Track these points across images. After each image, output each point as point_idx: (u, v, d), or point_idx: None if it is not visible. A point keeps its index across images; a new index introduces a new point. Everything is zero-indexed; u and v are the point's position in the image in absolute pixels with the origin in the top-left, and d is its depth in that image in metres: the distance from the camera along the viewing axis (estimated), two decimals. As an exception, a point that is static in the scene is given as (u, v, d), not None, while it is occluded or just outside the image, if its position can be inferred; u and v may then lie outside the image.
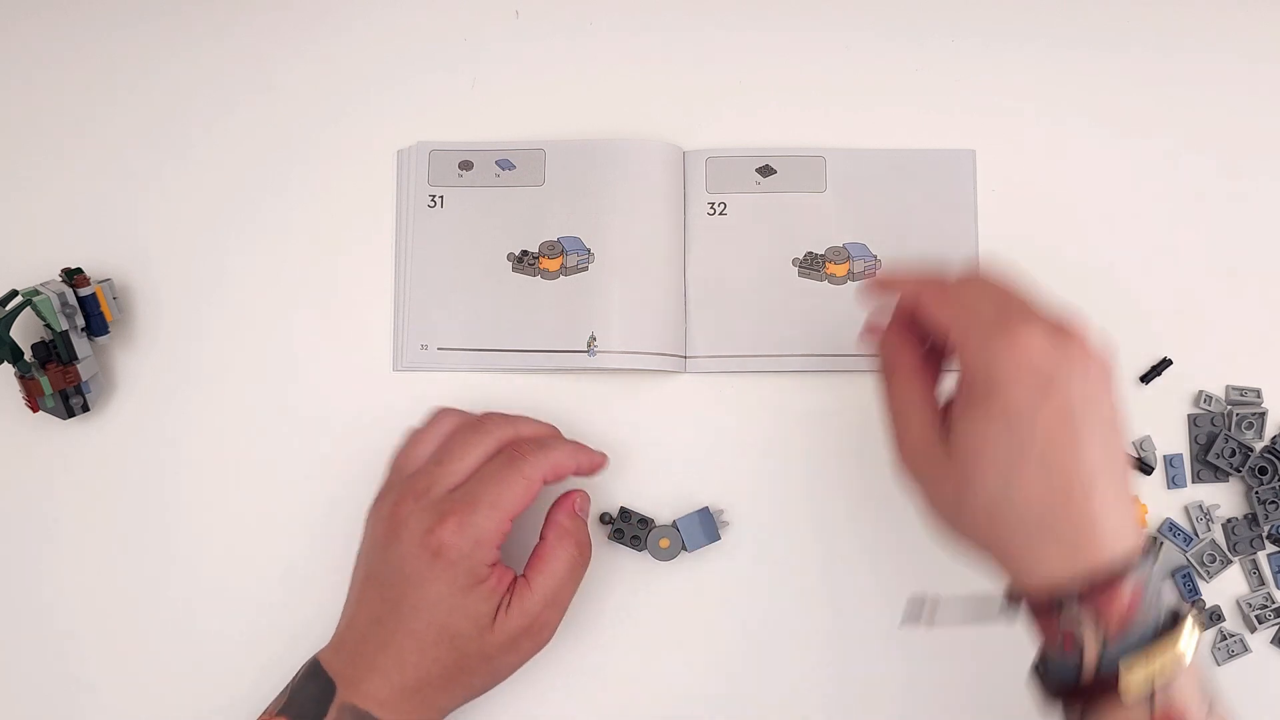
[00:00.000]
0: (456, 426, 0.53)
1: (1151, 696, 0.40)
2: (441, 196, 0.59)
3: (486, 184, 0.59)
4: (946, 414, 0.44)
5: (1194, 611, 0.42)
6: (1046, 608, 0.41)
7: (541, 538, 0.52)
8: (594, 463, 0.53)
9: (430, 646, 0.48)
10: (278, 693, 0.51)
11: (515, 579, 0.50)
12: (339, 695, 0.48)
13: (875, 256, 0.59)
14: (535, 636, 0.50)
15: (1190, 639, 0.40)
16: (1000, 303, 0.44)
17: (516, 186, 0.59)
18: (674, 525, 0.56)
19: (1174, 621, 0.41)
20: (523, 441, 0.51)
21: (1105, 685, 0.40)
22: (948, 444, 0.43)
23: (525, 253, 0.58)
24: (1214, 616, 0.56)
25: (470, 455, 0.51)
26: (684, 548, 0.56)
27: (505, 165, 0.59)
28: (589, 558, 0.52)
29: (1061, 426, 0.41)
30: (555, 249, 0.58)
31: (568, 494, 0.53)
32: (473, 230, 0.59)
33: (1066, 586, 0.40)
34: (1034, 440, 0.41)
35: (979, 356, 0.42)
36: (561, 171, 0.59)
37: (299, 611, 0.56)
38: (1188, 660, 0.40)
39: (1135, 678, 0.40)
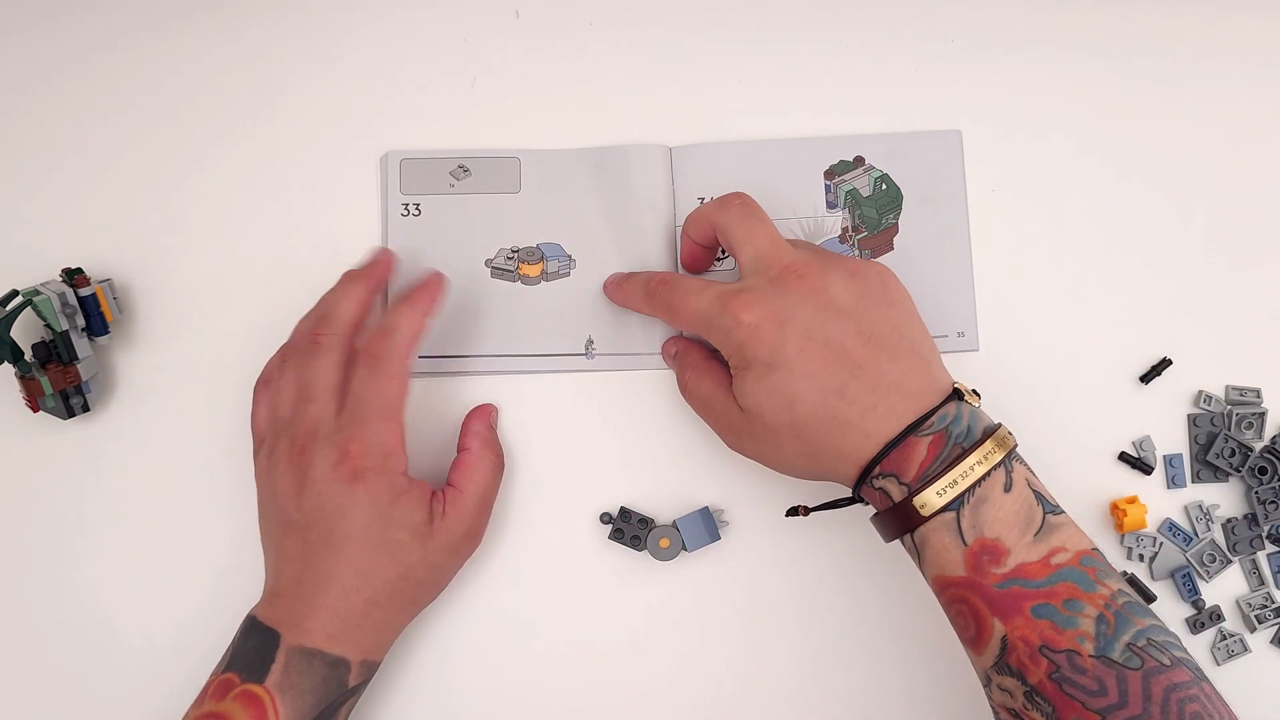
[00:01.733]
0: (288, 359, 0.53)
1: (960, 528, 0.45)
2: (418, 204, 0.59)
3: (461, 191, 0.59)
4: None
5: (1003, 430, 0.47)
6: (863, 486, 0.48)
7: (464, 448, 0.55)
8: (434, 296, 0.53)
9: (372, 568, 0.49)
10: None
11: (439, 490, 0.52)
12: (284, 640, 0.49)
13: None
14: (472, 539, 0.53)
15: (987, 454, 0.45)
16: (705, 286, 0.50)
17: (491, 194, 0.59)
18: (674, 525, 0.56)
19: (969, 435, 0.46)
20: (368, 338, 0.52)
21: (909, 514, 0.46)
22: (740, 411, 0.49)
23: (506, 258, 0.58)
24: (1214, 616, 0.56)
25: (326, 378, 0.51)
26: (684, 548, 0.56)
27: (479, 171, 0.59)
28: (503, 462, 0.56)
29: (806, 344, 0.47)
30: (535, 255, 0.58)
31: (481, 407, 0.56)
32: (448, 238, 0.59)
33: (867, 464, 0.47)
34: (793, 369, 0.47)
35: (722, 342, 0.49)
36: (538, 179, 0.59)
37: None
38: (975, 469, 0.45)
39: (924, 498, 0.45)
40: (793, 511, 0.54)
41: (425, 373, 0.58)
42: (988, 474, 0.45)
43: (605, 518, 0.57)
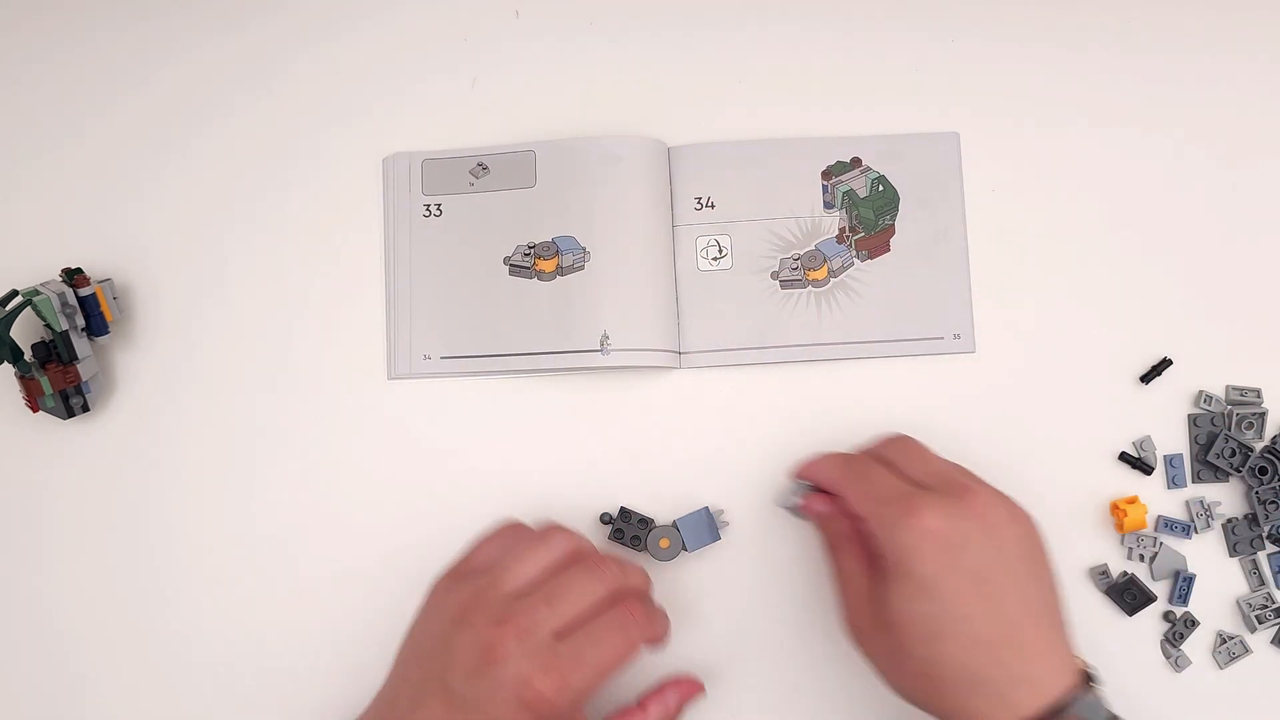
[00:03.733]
0: (568, 553, 0.50)
1: None
2: (439, 205, 0.60)
3: (480, 189, 0.60)
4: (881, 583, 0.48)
5: None
6: None
7: (641, 705, 0.51)
8: (667, 634, 0.51)
9: None
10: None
11: None
12: None
13: (854, 256, 0.59)
14: None
15: None
16: (897, 481, 0.48)
17: (508, 190, 0.59)
18: (674, 525, 0.56)
19: None
20: (633, 602, 0.49)
21: None
22: (882, 617, 0.47)
23: (523, 255, 0.59)
24: (1188, 623, 0.56)
25: (582, 603, 0.47)
26: (684, 548, 0.56)
27: (497, 168, 0.60)
28: None
29: (972, 589, 0.45)
30: (550, 250, 0.58)
31: (691, 685, 0.53)
32: (469, 236, 0.59)
33: None
34: (948, 607, 0.45)
35: (889, 535, 0.46)
36: (551, 171, 0.59)
37: (294, 614, 0.57)
38: None
39: None
40: None
41: (442, 374, 0.59)
42: None
43: (605, 518, 0.57)
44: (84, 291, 0.56)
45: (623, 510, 0.56)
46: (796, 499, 0.53)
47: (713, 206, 0.59)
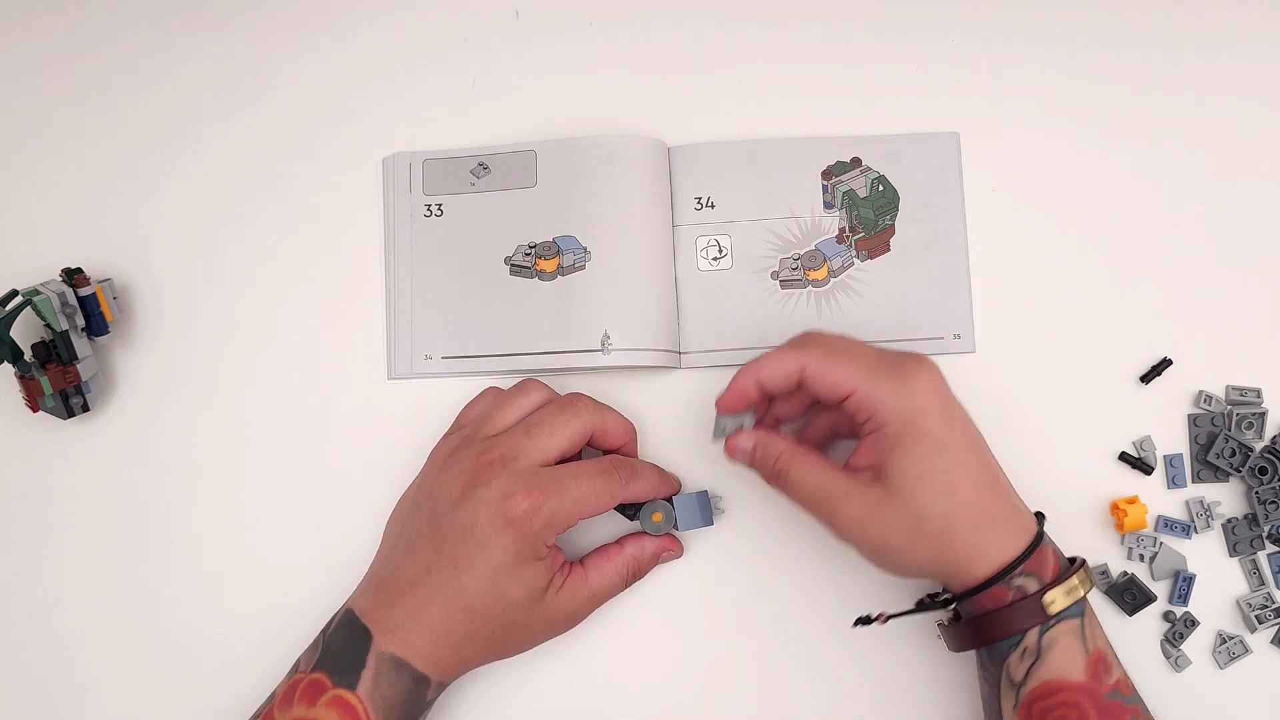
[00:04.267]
0: (545, 400, 0.54)
1: (1084, 635, 0.47)
2: (440, 205, 0.60)
3: (481, 189, 0.60)
4: (857, 470, 0.49)
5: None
6: (993, 585, 0.47)
7: (619, 542, 0.55)
8: (670, 487, 0.55)
9: (481, 608, 0.49)
10: (307, 645, 0.51)
11: (570, 564, 0.53)
12: (375, 643, 0.49)
13: (853, 255, 0.59)
14: (570, 621, 0.52)
15: (1082, 574, 0.48)
16: (872, 352, 0.49)
17: (509, 189, 0.59)
18: (669, 500, 0.55)
19: (1070, 562, 0.49)
20: (623, 459, 0.53)
21: (1034, 610, 0.47)
22: (885, 489, 0.47)
23: (524, 254, 0.59)
24: (1187, 623, 0.56)
25: (559, 435, 0.51)
26: (676, 525, 0.55)
27: (498, 168, 0.60)
28: (632, 582, 0.55)
29: (966, 438, 0.48)
30: (551, 249, 0.58)
31: (670, 538, 0.56)
32: (470, 236, 0.59)
33: (1014, 561, 0.47)
34: (959, 457, 0.47)
35: (894, 401, 0.47)
36: (552, 171, 0.59)
37: (296, 613, 0.56)
38: (1081, 584, 0.48)
39: (1054, 595, 0.47)
40: (864, 620, 0.52)
41: (443, 374, 0.59)
42: (1085, 593, 0.48)
43: None
44: (84, 291, 0.56)
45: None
46: (733, 428, 0.52)
47: (713, 206, 0.59)
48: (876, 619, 0.52)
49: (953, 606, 0.50)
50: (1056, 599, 0.47)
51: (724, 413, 0.52)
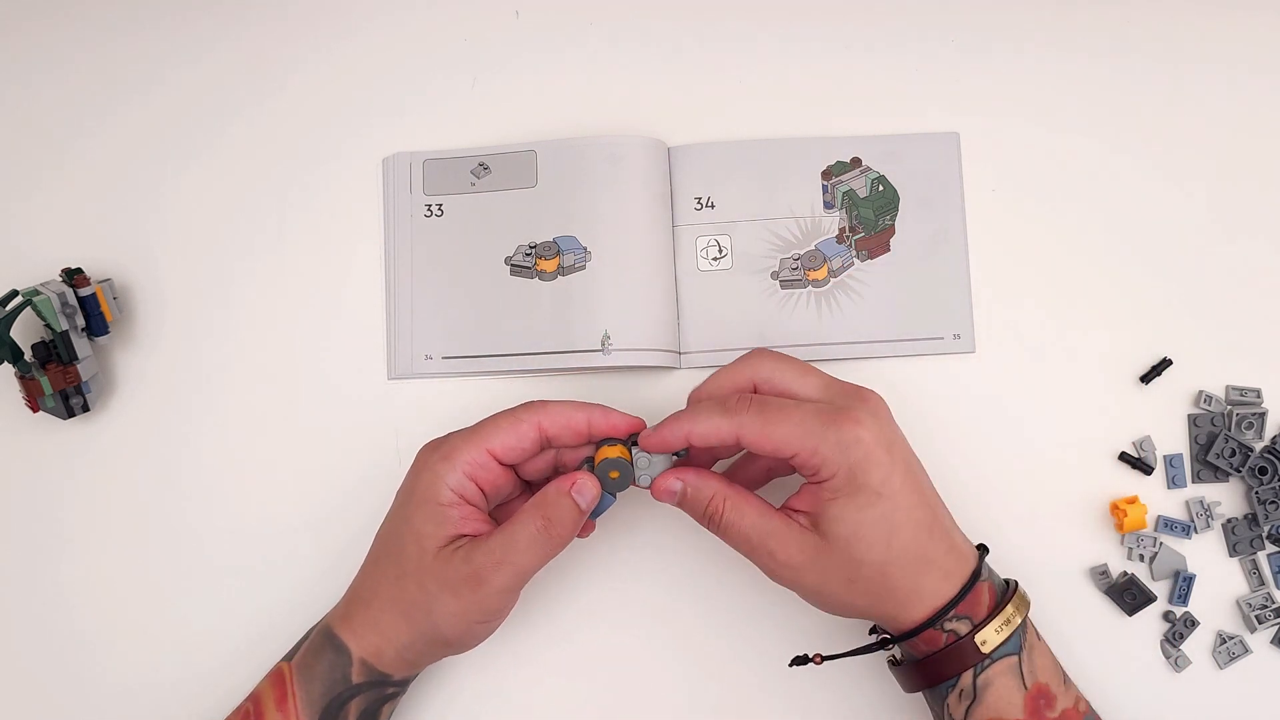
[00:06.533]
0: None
1: (1022, 672, 0.47)
2: (440, 205, 0.60)
3: (481, 189, 0.60)
4: (794, 513, 0.48)
5: (1018, 584, 0.50)
6: (927, 629, 0.47)
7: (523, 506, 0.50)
8: (611, 423, 0.50)
9: (380, 556, 0.50)
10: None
11: (485, 529, 0.49)
12: (323, 619, 0.51)
13: (856, 256, 0.59)
14: (475, 589, 0.47)
15: (1019, 602, 0.48)
16: (809, 404, 0.47)
17: (509, 189, 0.59)
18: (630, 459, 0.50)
19: (1006, 586, 0.49)
20: (536, 400, 0.50)
21: (968, 652, 0.46)
22: (821, 537, 0.47)
23: (525, 254, 0.59)
24: (1189, 623, 0.56)
25: (497, 422, 0.49)
26: (634, 481, 0.50)
27: (498, 168, 0.60)
28: (556, 538, 0.48)
29: (908, 480, 0.47)
30: (551, 249, 0.58)
31: (571, 473, 0.49)
32: (471, 236, 0.59)
33: (946, 606, 0.47)
34: (899, 503, 0.46)
35: (834, 458, 0.46)
36: (553, 171, 0.59)
37: (297, 611, 0.56)
38: (1016, 615, 0.47)
39: (985, 634, 0.46)
40: (800, 660, 0.52)
41: (443, 373, 0.59)
42: (1023, 622, 0.48)
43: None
44: (84, 291, 0.56)
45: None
46: (653, 475, 0.49)
47: (713, 206, 0.59)
48: (813, 659, 0.51)
49: (895, 646, 0.50)
50: (989, 638, 0.46)
51: (648, 451, 0.49)
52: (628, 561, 0.57)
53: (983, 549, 0.50)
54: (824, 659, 0.51)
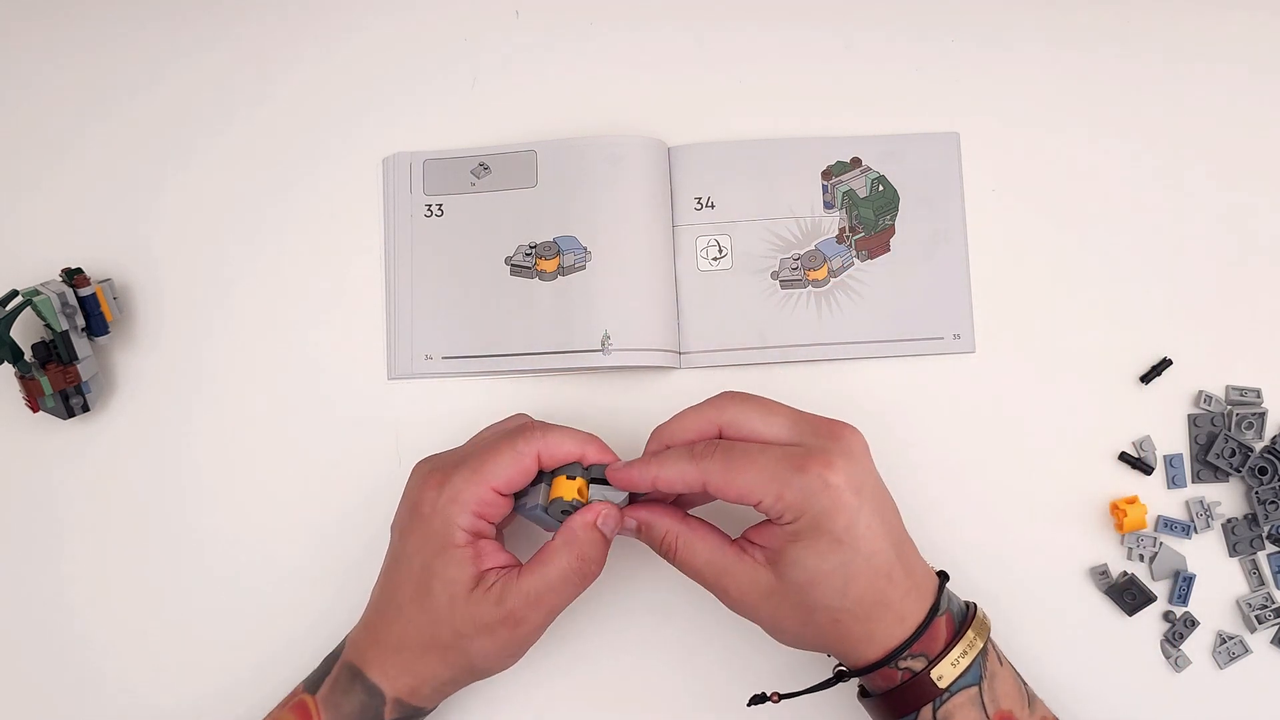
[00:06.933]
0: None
1: (983, 702, 0.46)
2: (440, 205, 0.60)
3: (481, 189, 0.60)
4: (751, 545, 0.48)
5: (979, 607, 0.49)
6: (883, 667, 0.46)
7: (554, 538, 0.50)
8: (601, 455, 0.50)
9: (406, 603, 0.48)
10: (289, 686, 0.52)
11: (514, 567, 0.49)
12: (344, 653, 0.50)
13: (851, 253, 0.59)
14: (513, 629, 0.48)
15: (979, 628, 0.48)
16: (775, 450, 0.46)
17: (510, 189, 0.59)
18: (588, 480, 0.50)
19: (966, 611, 0.48)
20: (531, 423, 0.50)
21: (924, 688, 0.46)
22: (777, 578, 0.46)
23: (525, 254, 0.59)
24: (1189, 623, 0.56)
25: (485, 435, 0.51)
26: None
27: (499, 168, 0.60)
28: (590, 574, 0.49)
29: (875, 525, 0.46)
30: (552, 249, 0.58)
31: (596, 504, 0.49)
32: (471, 236, 0.59)
33: (898, 648, 0.46)
34: (860, 549, 0.45)
35: (799, 505, 0.45)
36: (553, 171, 0.59)
37: (297, 612, 0.57)
38: (976, 642, 0.47)
39: (940, 669, 0.46)
40: (758, 699, 0.51)
41: (443, 373, 0.59)
42: (984, 647, 0.47)
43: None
44: (84, 291, 0.56)
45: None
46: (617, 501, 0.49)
47: (713, 206, 0.59)
48: (770, 698, 0.51)
49: (855, 682, 0.50)
50: (945, 673, 0.46)
51: (615, 486, 0.49)
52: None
53: (943, 576, 0.49)
54: (781, 697, 0.50)
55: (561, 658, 0.56)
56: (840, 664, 0.49)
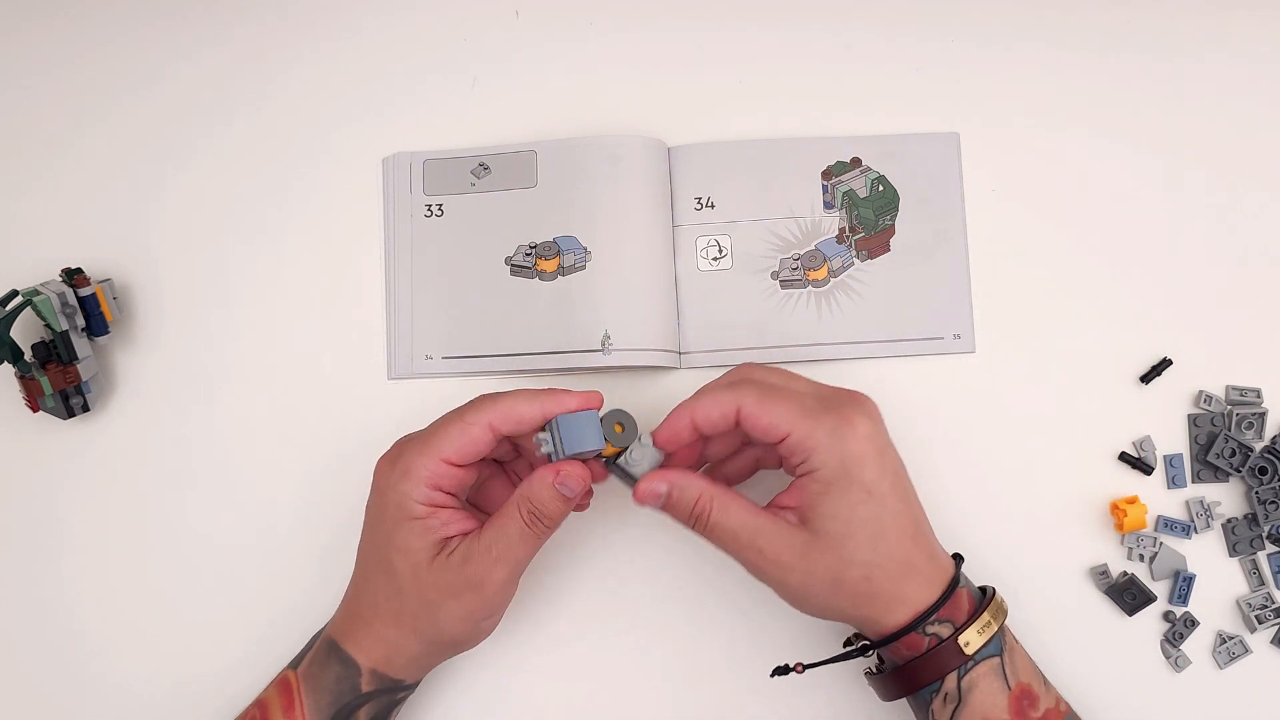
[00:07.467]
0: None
1: (1005, 673, 0.47)
2: (440, 205, 0.60)
3: (481, 189, 0.60)
4: (782, 510, 0.48)
5: (994, 589, 0.50)
6: (908, 633, 0.47)
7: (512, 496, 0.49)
8: (564, 405, 0.48)
9: (371, 574, 0.50)
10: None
11: (470, 531, 0.49)
12: (325, 629, 0.51)
13: (857, 255, 0.59)
14: (478, 590, 0.48)
15: (997, 606, 0.48)
16: (808, 392, 0.49)
17: (510, 189, 0.59)
18: (555, 423, 0.48)
19: (983, 594, 0.50)
20: (484, 395, 0.50)
21: (951, 654, 0.47)
22: (811, 534, 0.47)
23: (525, 254, 0.59)
24: (1189, 623, 0.56)
25: (466, 414, 0.49)
26: (562, 449, 0.48)
27: (499, 168, 0.60)
28: (546, 530, 0.48)
29: (896, 487, 0.47)
30: (551, 249, 0.58)
31: (561, 463, 0.48)
32: (471, 236, 0.59)
33: (929, 609, 0.47)
34: (887, 506, 0.47)
35: (830, 447, 0.46)
36: (553, 171, 0.59)
37: (297, 612, 0.56)
38: (996, 618, 0.48)
39: (968, 636, 0.47)
40: (781, 670, 0.51)
41: (443, 373, 0.59)
42: (1001, 626, 0.48)
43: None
44: (84, 291, 0.56)
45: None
46: (642, 468, 0.48)
47: (713, 206, 0.59)
48: (794, 669, 0.51)
49: (875, 654, 0.50)
50: (971, 639, 0.47)
51: (661, 447, 0.49)
52: (613, 571, 0.57)
53: (958, 558, 0.50)
54: (805, 668, 0.51)
55: (581, 641, 0.56)
56: (859, 637, 0.50)
